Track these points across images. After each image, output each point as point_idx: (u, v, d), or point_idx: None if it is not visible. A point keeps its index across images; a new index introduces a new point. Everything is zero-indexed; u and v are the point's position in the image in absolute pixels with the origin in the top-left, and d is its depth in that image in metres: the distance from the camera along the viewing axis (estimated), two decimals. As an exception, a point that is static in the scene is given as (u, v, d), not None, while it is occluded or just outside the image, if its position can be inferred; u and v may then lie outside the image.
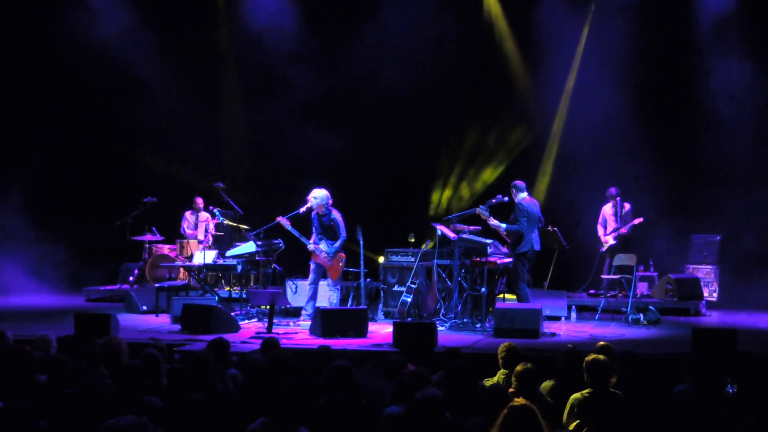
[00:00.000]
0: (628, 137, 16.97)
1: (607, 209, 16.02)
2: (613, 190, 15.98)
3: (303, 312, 13.77)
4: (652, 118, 17.11)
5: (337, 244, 13.71)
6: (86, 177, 18.93)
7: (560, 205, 16.68)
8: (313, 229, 13.86)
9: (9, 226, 18.03)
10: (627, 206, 15.93)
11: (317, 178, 14.77)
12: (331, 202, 13.78)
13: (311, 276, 13.85)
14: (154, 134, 18.77)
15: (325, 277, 13.87)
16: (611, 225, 15.90)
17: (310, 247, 13.74)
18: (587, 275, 16.36)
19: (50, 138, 18.83)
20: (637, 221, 15.60)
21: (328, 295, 13.96)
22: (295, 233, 13.74)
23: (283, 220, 13.70)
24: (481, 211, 13.30)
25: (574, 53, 17.80)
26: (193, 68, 18.96)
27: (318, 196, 13.63)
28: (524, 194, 13.38)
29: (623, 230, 15.68)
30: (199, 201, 17.52)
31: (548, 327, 12.76)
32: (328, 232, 13.76)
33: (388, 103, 18.06)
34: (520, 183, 13.46)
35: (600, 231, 16.04)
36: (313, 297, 13.79)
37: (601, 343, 8.54)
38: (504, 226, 13.14)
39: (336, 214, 13.80)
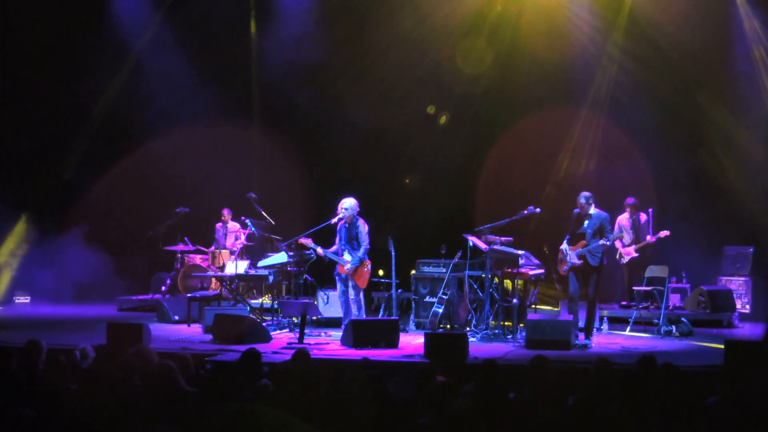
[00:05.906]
0: (660, 150, 16.92)
1: (623, 220, 15.90)
2: (630, 200, 15.88)
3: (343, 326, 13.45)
4: (686, 130, 17.03)
5: (360, 253, 13.38)
6: (119, 187, 19.03)
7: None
8: (338, 238, 13.64)
9: (41, 235, 18.21)
10: (643, 217, 15.82)
11: (349, 188, 14.75)
12: (358, 210, 13.60)
13: (339, 288, 13.65)
14: (187, 144, 18.83)
15: (347, 287, 13.59)
16: (627, 237, 15.79)
17: (319, 251, 13.56)
18: (611, 287, 16.22)
19: (84, 148, 18.99)
20: (662, 234, 15.38)
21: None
22: (319, 249, 13.60)
23: (305, 241, 13.65)
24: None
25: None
26: (225, 83, 19.07)
27: (348, 206, 13.45)
28: None
29: (650, 239, 15.56)
30: (225, 212, 17.52)
31: (581, 338, 12.69)
32: (353, 241, 13.53)
33: (420, 115, 18.11)
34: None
35: (617, 243, 15.43)
36: (348, 310, 13.55)
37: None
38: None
39: (362, 224, 13.54)
